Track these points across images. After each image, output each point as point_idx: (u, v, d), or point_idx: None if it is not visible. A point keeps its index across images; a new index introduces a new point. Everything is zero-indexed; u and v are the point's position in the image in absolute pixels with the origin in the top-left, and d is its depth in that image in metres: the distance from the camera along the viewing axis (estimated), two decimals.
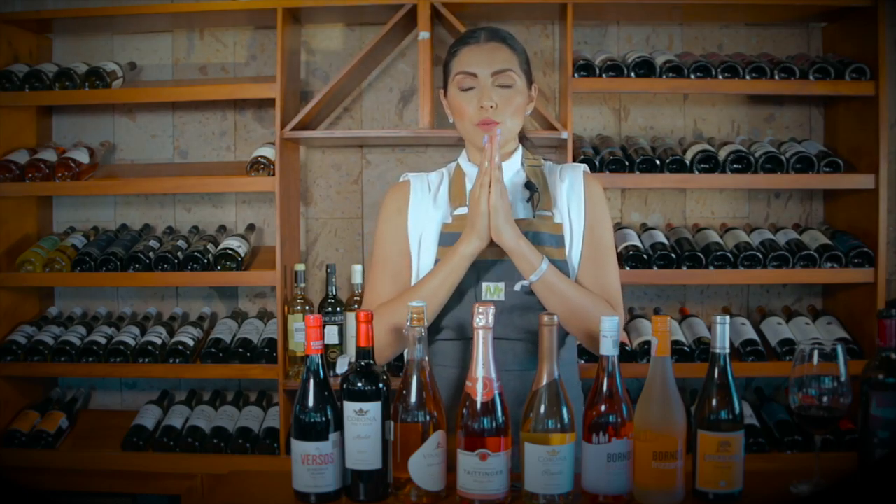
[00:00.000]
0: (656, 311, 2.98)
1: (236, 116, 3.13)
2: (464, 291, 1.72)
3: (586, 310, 1.68)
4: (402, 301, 1.68)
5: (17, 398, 2.91)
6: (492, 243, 1.70)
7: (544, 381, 1.42)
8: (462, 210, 1.78)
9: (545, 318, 1.43)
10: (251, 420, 2.81)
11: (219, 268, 2.78)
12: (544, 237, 1.74)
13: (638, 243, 2.80)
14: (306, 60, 3.09)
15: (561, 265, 1.74)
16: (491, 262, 1.72)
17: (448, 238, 1.76)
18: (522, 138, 1.89)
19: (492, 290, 1.72)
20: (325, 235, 3.12)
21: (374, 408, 1.45)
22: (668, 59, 2.77)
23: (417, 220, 1.81)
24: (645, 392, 1.43)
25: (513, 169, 1.81)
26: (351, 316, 2.75)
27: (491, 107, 1.72)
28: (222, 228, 3.06)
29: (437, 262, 1.75)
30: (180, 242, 2.85)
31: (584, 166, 1.86)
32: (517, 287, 1.69)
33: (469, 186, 1.81)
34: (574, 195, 1.80)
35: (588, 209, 1.79)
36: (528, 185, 1.79)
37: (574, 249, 1.77)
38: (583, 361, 2.66)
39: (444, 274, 1.68)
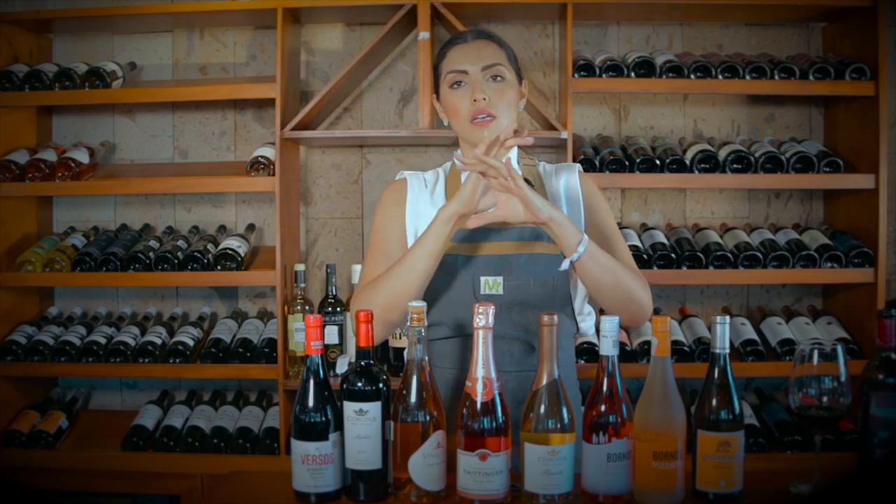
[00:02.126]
0: (656, 311, 2.98)
1: (236, 116, 3.13)
2: (461, 286, 1.72)
3: (626, 275, 1.67)
4: (389, 273, 1.67)
5: (17, 398, 2.91)
6: (489, 239, 1.71)
7: (544, 381, 1.42)
8: None
9: (545, 318, 1.43)
10: (251, 420, 2.81)
11: (219, 268, 2.78)
12: (542, 232, 1.74)
13: (638, 243, 2.80)
14: (306, 60, 3.09)
15: (557, 260, 1.73)
16: (489, 256, 1.72)
17: None
18: None
19: (490, 283, 1.72)
20: (325, 235, 3.12)
21: (374, 408, 1.45)
22: (668, 59, 2.77)
23: (414, 216, 1.81)
24: (645, 392, 1.43)
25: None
26: (351, 316, 2.75)
27: (483, 99, 1.73)
28: (222, 228, 3.06)
29: None
30: (180, 242, 2.85)
31: (578, 166, 1.88)
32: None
33: None
34: (571, 192, 1.81)
35: (586, 202, 1.81)
36: (525, 182, 1.79)
37: None
38: (582, 361, 2.67)
39: (425, 241, 1.65)
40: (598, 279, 1.65)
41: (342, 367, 2.66)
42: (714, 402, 1.42)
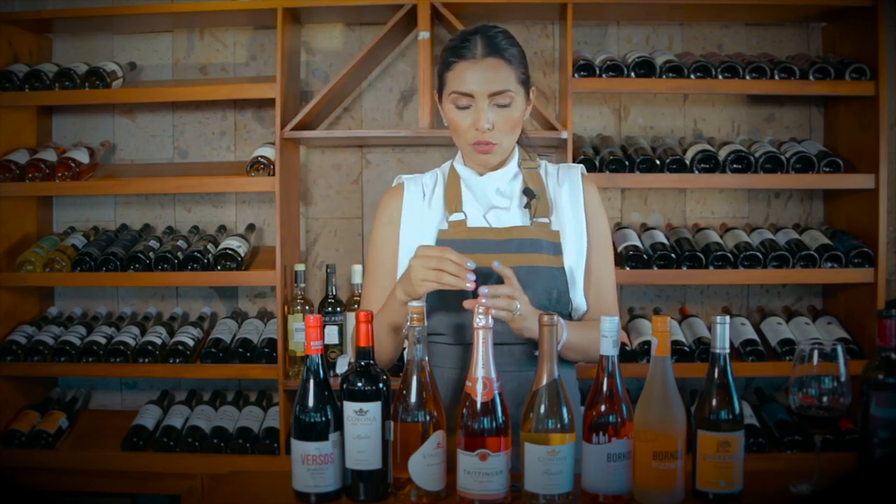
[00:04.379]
0: (656, 311, 2.98)
1: (236, 116, 3.13)
2: (462, 297, 1.71)
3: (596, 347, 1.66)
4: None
5: (17, 398, 2.91)
6: (488, 251, 1.71)
7: (544, 381, 1.42)
8: (457, 216, 1.77)
9: (545, 318, 1.43)
10: (251, 420, 2.81)
11: (219, 268, 2.78)
12: (542, 244, 1.73)
13: (638, 243, 2.80)
14: (306, 60, 3.09)
15: (558, 272, 1.73)
16: (488, 269, 1.70)
17: (444, 244, 1.74)
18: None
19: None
20: (325, 235, 3.12)
21: (374, 408, 1.45)
22: (668, 59, 2.77)
23: (411, 226, 1.80)
24: (645, 392, 1.43)
25: (510, 173, 1.80)
26: (351, 316, 2.75)
27: (488, 129, 1.69)
28: (222, 228, 3.06)
29: None
30: (180, 242, 2.86)
31: (581, 167, 1.85)
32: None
33: (464, 190, 1.80)
34: (574, 201, 1.79)
35: (590, 219, 1.78)
36: (527, 192, 1.78)
37: (570, 256, 1.76)
38: (582, 361, 2.66)
39: (382, 315, 1.69)
40: (571, 359, 1.74)
41: (342, 367, 2.66)
42: (714, 402, 1.42)
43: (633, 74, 2.76)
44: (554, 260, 1.73)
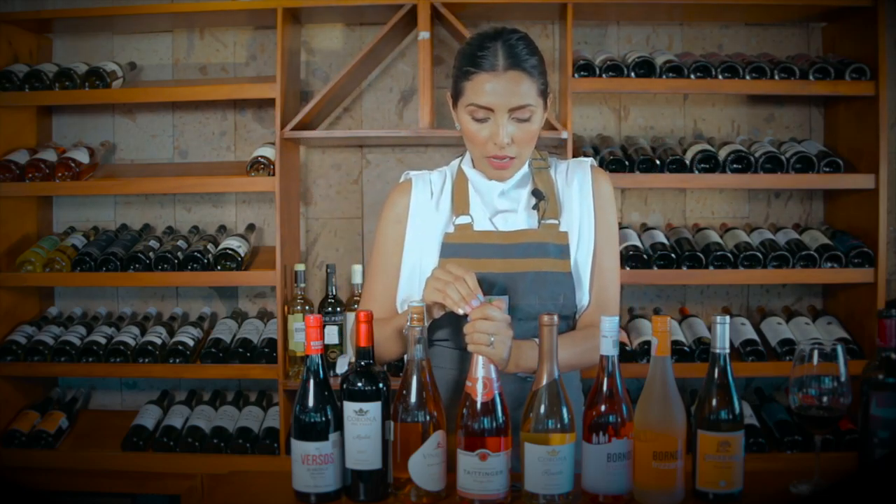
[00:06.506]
0: (656, 311, 2.98)
1: (236, 116, 3.13)
2: None
3: (592, 354, 1.63)
4: (379, 326, 1.66)
5: (17, 398, 2.91)
6: (493, 255, 1.71)
7: (544, 381, 1.42)
8: (464, 219, 1.75)
9: (545, 318, 1.43)
10: (251, 420, 2.81)
11: (219, 268, 2.78)
12: (549, 248, 1.72)
13: (638, 243, 2.80)
14: (306, 60, 3.09)
15: (564, 277, 1.71)
16: (494, 274, 1.70)
17: (449, 249, 1.73)
18: None
19: (493, 302, 1.70)
20: (325, 235, 3.12)
21: (374, 408, 1.45)
22: (668, 59, 2.77)
23: (418, 225, 1.78)
24: (645, 392, 1.43)
25: (520, 174, 1.77)
26: (351, 316, 2.75)
27: (507, 143, 1.65)
28: (222, 228, 3.06)
29: None
30: (180, 242, 2.86)
31: (590, 161, 1.82)
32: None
33: (472, 192, 1.77)
34: (583, 196, 1.77)
35: (597, 210, 1.77)
36: (535, 193, 1.76)
37: (579, 254, 1.74)
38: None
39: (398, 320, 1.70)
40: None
41: (342, 367, 2.66)
42: (714, 402, 1.42)
43: (633, 74, 2.76)
44: (561, 264, 1.71)
